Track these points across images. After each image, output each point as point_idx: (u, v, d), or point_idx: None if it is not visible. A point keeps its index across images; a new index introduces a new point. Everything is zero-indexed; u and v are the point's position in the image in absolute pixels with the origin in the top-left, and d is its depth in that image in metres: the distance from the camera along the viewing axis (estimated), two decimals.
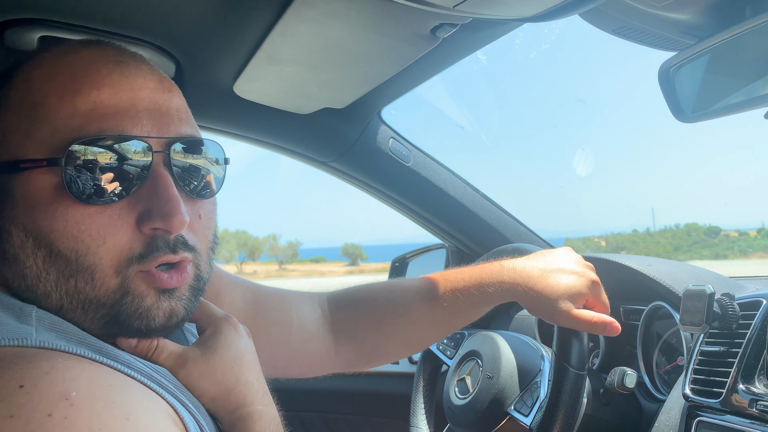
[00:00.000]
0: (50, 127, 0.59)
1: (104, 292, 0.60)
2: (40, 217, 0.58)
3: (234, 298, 0.99)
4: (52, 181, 0.58)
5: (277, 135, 1.45)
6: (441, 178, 1.56)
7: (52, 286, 0.59)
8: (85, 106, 0.59)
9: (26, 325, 0.56)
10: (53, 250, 0.58)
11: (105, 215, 0.59)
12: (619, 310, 1.37)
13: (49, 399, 0.47)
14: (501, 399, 1.15)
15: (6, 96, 0.62)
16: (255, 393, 0.70)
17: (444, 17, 0.87)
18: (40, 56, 0.63)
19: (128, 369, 0.59)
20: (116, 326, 0.62)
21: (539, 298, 0.97)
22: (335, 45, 0.99)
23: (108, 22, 1.03)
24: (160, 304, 0.62)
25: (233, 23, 1.01)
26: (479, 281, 1.02)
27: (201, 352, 0.68)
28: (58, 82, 0.60)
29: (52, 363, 0.51)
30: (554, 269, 0.99)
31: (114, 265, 0.60)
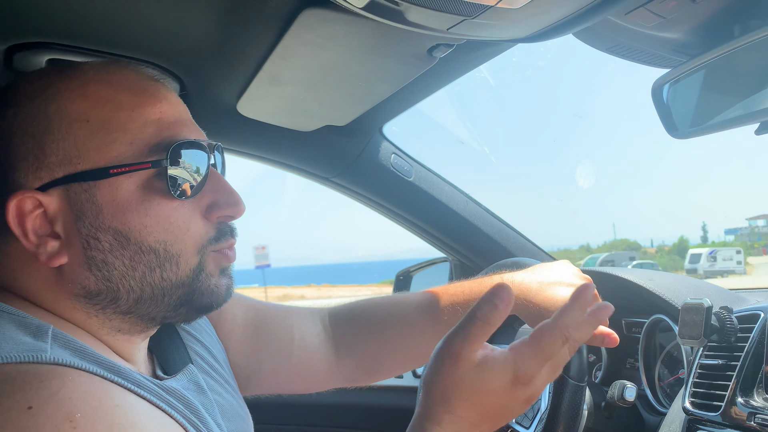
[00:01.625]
0: (129, 136, 0.65)
1: (185, 273, 0.68)
2: (132, 216, 0.65)
3: (236, 315, 1.00)
4: (142, 181, 0.65)
5: (280, 152, 1.47)
6: (443, 192, 1.58)
7: (136, 281, 0.66)
8: (153, 116, 0.67)
9: (42, 342, 0.58)
10: (143, 246, 0.65)
11: (185, 208, 0.68)
12: (621, 322, 1.37)
13: (54, 422, 0.49)
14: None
15: (53, 113, 0.65)
16: None
17: (439, 39, 0.89)
18: (82, 75, 0.67)
19: (138, 388, 0.61)
20: (186, 306, 0.70)
21: (538, 311, 0.97)
22: (334, 65, 1.01)
23: (114, 44, 1.06)
24: (221, 281, 0.72)
25: (235, 45, 1.03)
26: (479, 295, 1.02)
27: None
28: (122, 98, 0.66)
29: (62, 381, 0.53)
30: (552, 282, 0.99)
31: (196, 247, 0.69)
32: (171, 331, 0.86)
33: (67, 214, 0.64)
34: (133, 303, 0.67)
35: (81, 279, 0.65)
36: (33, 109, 0.65)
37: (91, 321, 0.67)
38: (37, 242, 0.64)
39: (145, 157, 0.65)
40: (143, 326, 0.71)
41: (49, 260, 0.64)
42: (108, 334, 0.68)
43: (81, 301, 0.66)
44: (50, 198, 0.64)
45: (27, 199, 0.63)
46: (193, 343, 0.88)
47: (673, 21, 0.80)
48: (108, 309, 0.67)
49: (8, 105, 0.66)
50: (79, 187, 0.64)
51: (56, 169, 0.64)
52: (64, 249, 0.64)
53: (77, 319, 0.66)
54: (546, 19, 0.75)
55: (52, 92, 0.66)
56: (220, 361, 0.93)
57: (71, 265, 0.65)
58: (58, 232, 0.64)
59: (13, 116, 0.65)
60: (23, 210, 0.63)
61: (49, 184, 0.63)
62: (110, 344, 0.69)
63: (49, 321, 0.62)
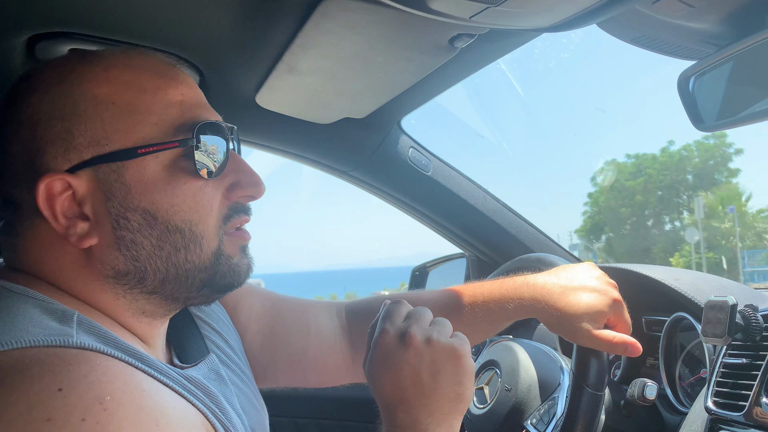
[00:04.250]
0: (154, 117, 0.66)
1: (207, 256, 0.69)
2: (160, 195, 0.66)
3: (252, 306, 1.00)
4: (168, 161, 0.66)
5: (298, 144, 1.47)
6: (461, 187, 1.56)
7: (162, 261, 0.67)
8: (175, 98, 0.68)
9: (67, 327, 0.59)
10: (170, 225, 0.66)
11: (209, 187, 0.69)
12: (641, 321, 1.35)
13: (84, 403, 0.49)
14: (518, 412, 1.15)
15: (79, 97, 0.65)
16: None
17: (461, 28, 0.87)
18: (104, 60, 0.68)
19: (161, 375, 0.61)
20: (208, 287, 0.71)
21: (559, 316, 0.95)
22: (354, 56, 1.01)
23: (135, 35, 1.06)
24: (242, 260, 0.73)
25: (255, 35, 1.03)
26: (499, 296, 1.01)
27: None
28: (145, 81, 0.68)
29: (90, 365, 0.53)
30: (576, 286, 0.97)
31: (215, 230, 0.70)
32: (188, 321, 0.86)
33: (96, 195, 0.65)
34: (159, 283, 0.68)
35: (110, 259, 0.66)
36: (59, 93, 0.65)
37: (118, 302, 0.68)
38: (66, 224, 0.64)
39: (170, 137, 0.66)
40: (166, 308, 0.72)
41: (79, 241, 0.65)
42: (132, 317, 0.69)
43: (110, 282, 0.67)
44: (79, 180, 0.64)
45: (56, 181, 0.63)
46: (209, 332, 0.89)
47: (703, 10, 0.78)
48: (135, 289, 0.68)
49: (33, 90, 0.66)
50: (108, 168, 0.65)
51: (84, 151, 0.64)
52: (94, 230, 0.65)
53: (105, 300, 0.67)
54: (571, 7, 0.74)
55: (77, 77, 0.66)
56: (237, 352, 0.93)
57: (100, 245, 0.65)
58: (87, 214, 0.65)
59: (39, 101, 0.65)
60: (52, 192, 0.63)
61: (77, 165, 0.64)
62: (133, 328, 0.70)
63: (74, 307, 0.63)
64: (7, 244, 0.69)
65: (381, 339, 0.76)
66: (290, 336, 1.02)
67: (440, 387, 0.72)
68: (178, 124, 0.67)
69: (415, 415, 0.72)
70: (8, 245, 0.68)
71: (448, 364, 0.73)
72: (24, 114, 0.65)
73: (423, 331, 0.75)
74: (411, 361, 0.73)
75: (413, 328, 0.75)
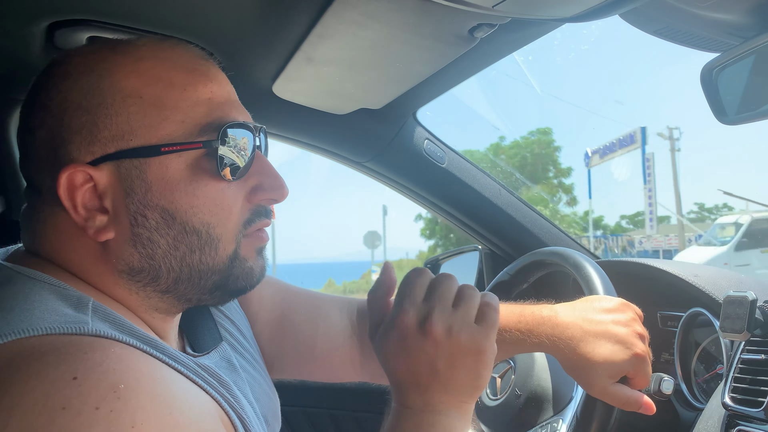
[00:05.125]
0: (180, 115, 0.65)
1: (222, 260, 0.68)
2: (180, 195, 0.65)
3: (263, 296, 0.99)
4: (191, 161, 0.65)
5: (313, 135, 1.47)
6: (476, 179, 1.56)
7: (178, 261, 0.66)
8: (204, 96, 0.67)
9: (83, 314, 0.58)
10: (188, 226, 0.65)
11: (231, 190, 0.68)
12: (656, 316, 1.34)
13: (99, 391, 0.49)
14: (521, 420, 1.14)
15: (107, 88, 0.64)
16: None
17: (482, 17, 0.87)
18: (135, 51, 0.67)
19: (175, 363, 0.61)
20: (220, 289, 0.70)
21: (576, 363, 0.91)
22: (373, 45, 1.00)
23: (152, 23, 1.06)
24: (257, 263, 0.72)
25: (274, 24, 1.02)
26: (523, 328, 0.96)
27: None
28: (174, 76, 0.66)
29: (105, 353, 0.53)
30: (599, 333, 0.91)
31: (233, 233, 0.68)
32: (202, 308, 0.86)
33: (116, 189, 0.64)
34: (172, 283, 0.67)
35: (126, 255, 0.65)
36: (87, 82, 0.64)
37: (131, 298, 0.68)
38: (85, 216, 0.64)
39: (195, 137, 0.65)
40: (179, 307, 0.71)
41: (96, 234, 0.64)
42: (146, 312, 0.69)
43: (123, 277, 0.66)
44: (101, 173, 0.64)
45: (78, 173, 0.63)
46: (222, 320, 0.89)
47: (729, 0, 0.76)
48: (148, 287, 0.67)
49: (64, 77, 0.65)
50: (130, 164, 0.64)
51: (108, 144, 0.64)
52: (112, 224, 0.65)
53: (118, 294, 0.67)
54: None
55: (106, 67, 0.65)
56: (249, 340, 0.93)
57: (117, 240, 0.65)
58: (107, 207, 0.64)
59: (68, 89, 0.65)
60: (74, 183, 0.63)
61: (100, 158, 0.63)
62: (146, 321, 0.69)
63: (90, 294, 0.63)
64: (27, 228, 0.69)
65: (399, 319, 0.70)
66: (298, 332, 1.01)
67: (457, 378, 0.70)
68: (204, 123, 0.66)
69: (428, 399, 0.70)
70: (28, 229, 0.69)
71: (468, 359, 0.70)
72: (53, 100, 0.65)
73: (445, 320, 0.70)
74: (429, 351, 0.69)
75: (435, 316, 0.69)
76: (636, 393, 0.90)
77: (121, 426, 0.48)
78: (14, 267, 0.64)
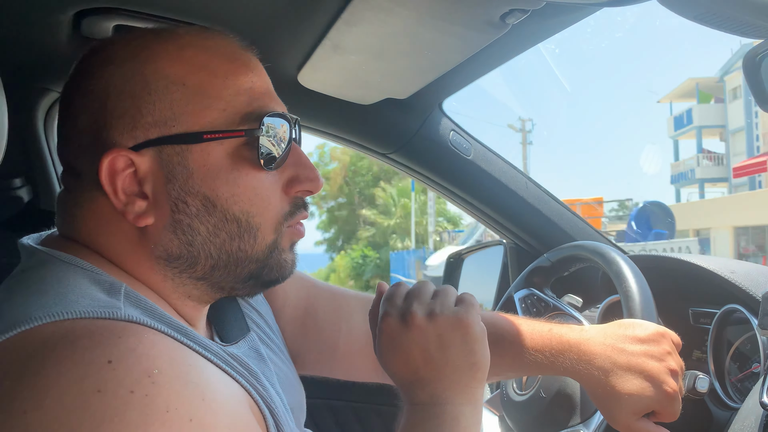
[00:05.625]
0: (222, 103, 0.66)
1: (261, 248, 0.69)
2: (221, 183, 0.65)
3: (288, 293, 0.99)
4: (232, 149, 0.66)
5: (338, 125, 1.45)
6: (502, 172, 1.53)
7: (217, 248, 0.67)
8: (245, 85, 0.67)
9: (115, 300, 0.59)
10: (228, 214, 0.66)
11: (269, 180, 0.68)
12: (688, 312, 1.31)
13: (133, 375, 0.49)
14: (545, 422, 1.12)
15: (150, 74, 0.65)
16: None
17: (515, 2, 0.84)
18: (178, 39, 0.67)
19: (205, 351, 0.61)
20: (254, 279, 0.71)
21: (600, 394, 0.88)
22: (402, 33, 0.98)
23: (177, 10, 1.06)
24: (290, 256, 0.73)
25: (300, 11, 1.01)
26: (541, 353, 0.93)
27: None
28: (217, 65, 0.67)
29: (138, 338, 0.53)
30: (629, 365, 0.87)
31: (273, 224, 0.69)
32: (230, 299, 0.86)
33: (157, 175, 0.65)
34: (209, 270, 0.67)
35: (164, 241, 0.66)
36: (131, 68, 0.65)
37: (166, 284, 0.68)
38: (125, 201, 0.64)
39: (236, 125, 0.66)
40: (212, 295, 0.72)
41: (135, 219, 0.64)
42: (178, 299, 0.69)
43: (160, 263, 0.67)
44: (142, 158, 0.64)
45: (120, 158, 0.63)
46: (250, 311, 0.89)
47: None
48: (184, 274, 0.67)
49: (108, 63, 0.66)
50: (172, 150, 0.64)
51: (151, 130, 0.64)
52: (151, 210, 0.65)
53: (153, 280, 0.67)
54: None
55: (150, 54, 0.66)
56: (275, 332, 0.93)
57: (156, 226, 0.65)
58: (147, 193, 0.65)
59: (111, 75, 0.65)
60: (115, 168, 0.63)
61: (143, 144, 0.64)
62: (178, 309, 0.70)
63: (123, 280, 0.63)
64: (63, 212, 0.69)
65: (384, 323, 0.76)
66: (321, 330, 1.00)
67: (452, 359, 0.73)
68: (245, 112, 0.66)
69: (432, 390, 0.72)
70: (65, 213, 0.69)
71: (456, 335, 0.73)
72: (97, 86, 0.65)
73: (424, 307, 0.75)
74: (417, 340, 0.73)
75: (414, 306, 0.75)
76: (661, 429, 0.88)
77: (155, 410, 0.48)
78: (49, 251, 0.65)
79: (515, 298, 1.37)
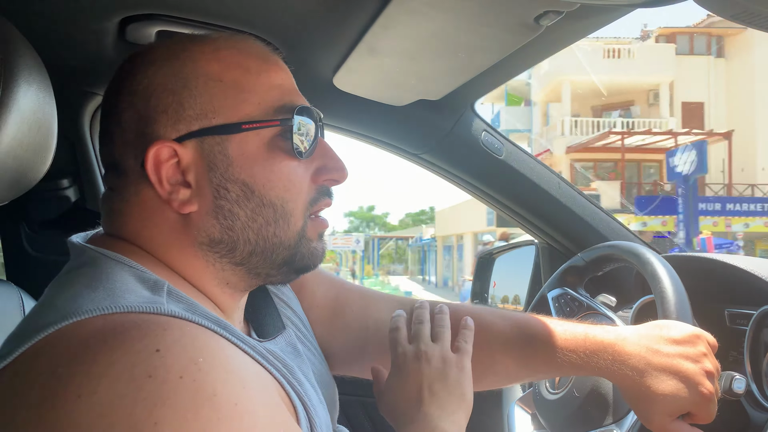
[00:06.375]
0: (257, 98, 0.71)
1: (292, 234, 0.73)
2: (259, 170, 0.70)
3: (316, 292, 1.01)
4: (267, 139, 0.71)
5: (371, 126, 1.48)
6: (534, 172, 1.53)
7: (254, 233, 0.71)
8: (276, 81, 0.73)
9: (158, 296, 0.62)
10: (264, 199, 0.70)
11: (301, 168, 0.73)
12: (724, 313, 1.29)
13: (181, 363, 0.52)
14: (577, 421, 1.12)
15: (190, 72, 0.70)
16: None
17: (549, 4, 0.85)
18: (213, 42, 0.73)
19: (242, 344, 0.64)
20: (287, 266, 0.75)
21: (635, 395, 0.89)
22: (436, 35, 1.00)
23: (218, 16, 1.09)
24: (318, 245, 0.77)
25: (337, 16, 1.03)
26: (576, 353, 0.93)
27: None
28: (251, 63, 0.72)
29: (181, 331, 0.56)
30: (664, 366, 0.87)
31: (302, 210, 0.74)
32: (266, 297, 0.89)
33: (199, 164, 0.69)
34: (247, 255, 0.71)
35: (207, 227, 0.70)
36: (172, 68, 0.70)
37: (207, 270, 0.72)
38: (170, 189, 0.68)
39: (271, 116, 0.71)
40: (248, 282, 0.75)
41: (180, 207, 0.69)
42: (217, 286, 0.73)
43: (203, 249, 0.71)
44: (185, 149, 0.68)
45: (165, 149, 0.68)
46: (284, 309, 0.91)
47: None
48: (225, 258, 0.71)
49: (150, 64, 0.71)
50: (212, 140, 0.69)
51: (193, 123, 0.68)
52: (195, 197, 0.69)
53: (194, 267, 0.71)
54: None
55: (189, 54, 0.71)
56: (308, 328, 0.95)
57: (199, 213, 0.69)
58: (190, 182, 0.69)
59: (154, 74, 0.70)
60: (160, 158, 0.68)
61: (185, 135, 0.68)
62: (216, 297, 0.73)
63: (165, 277, 0.66)
64: (109, 210, 0.73)
65: (397, 357, 0.91)
66: (349, 330, 1.02)
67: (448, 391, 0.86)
68: (278, 105, 0.71)
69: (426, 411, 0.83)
70: (110, 211, 0.73)
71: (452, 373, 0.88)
72: (140, 85, 0.70)
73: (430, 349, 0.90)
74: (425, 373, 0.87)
75: (421, 347, 0.90)
76: (696, 431, 0.88)
77: (203, 394, 0.51)
78: (97, 249, 0.68)
79: (549, 297, 1.36)
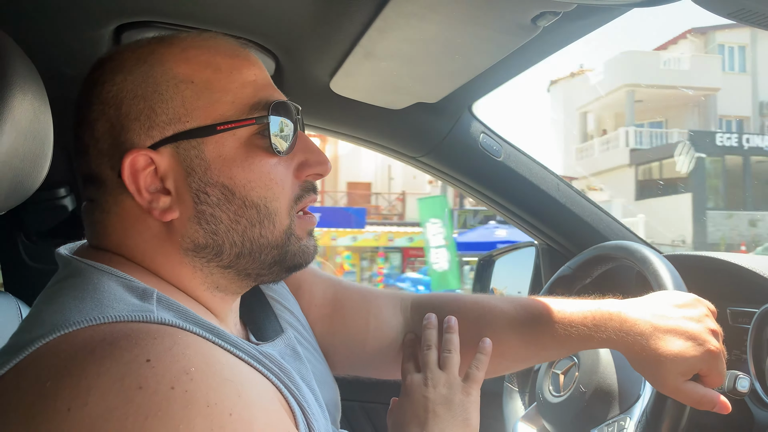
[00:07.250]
0: (230, 96, 0.69)
1: (278, 233, 0.72)
2: (238, 171, 0.68)
3: (314, 293, 1.00)
4: (244, 138, 0.69)
5: (369, 130, 1.47)
6: (533, 173, 1.53)
7: (239, 235, 0.70)
8: (249, 78, 0.71)
9: (148, 304, 0.61)
10: (246, 201, 0.69)
11: (282, 165, 0.72)
12: (726, 312, 1.29)
13: (172, 373, 0.51)
14: (586, 418, 1.12)
15: (160, 76, 0.68)
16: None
17: (546, 5, 0.85)
18: (180, 42, 0.71)
19: (236, 349, 0.63)
20: (278, 265, 0.74)
21: (645, 359, 0.89)
22: (433, 38, 0.99)
23: (216, 23, 1.08)
24: (309, 243, 0.76)
25: (332, 20, 1.03)
26: (583, 324, 0.95)
27: None
28: (220, 61, 0.70)
29: (173, 339, 0.55)
30: (669, 328, 0.89)
31: (287, 208, 0.72)
32: (262, 301, 0.88)
33: (177, 170, 0.68)
34: (234, 258, 0.70)
35: (190, 233, 0.69)
36: (141, 73, 0.68)
37: (195, 276, 0.70)
38: (149, 198, 0.67)
39: (246, 115, 0.69)
40: (239, 284, 0.74)
41: (161, 215, 0.67)
42: (207, 291, 0.72)
43: (188, 255, 0.69)
44: (161, 156, 0.67)
45: (140, 157, 0.66)
46: (282, 311, 0.90)
47: None
48: (212, 262, 0.70)
49: (116, 71, 0.69)
50: (188, 144, 0.68)
51: (166, 128, 0.67)
52: (175, 204, 0.68)
53: (182, 274, 0.70)
54: None
55: (157, 57, 0.69)
56: (308, 330, 0.95)
57: (181, 219, 0.68)
58: (169, 188, 0.68)
59: (123, 81, 0.68)
60: (136, 167, 0.66)
61: (160, 142, 0.67)
62: (207, 302, 0.72)
63: (153, 285, 0.65)
64: (90, 222, 0.72)
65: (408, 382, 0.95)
66: (349, 329, 1.01)
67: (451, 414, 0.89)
68: (252, 102, 0.70)
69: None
70: (92, 223, 0.72)
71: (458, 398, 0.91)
72: (110, 93, 0.68)
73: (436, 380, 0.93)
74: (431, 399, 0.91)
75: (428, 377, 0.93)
76: (710, 391, 0.87)
77: (196, 405, 0.50)
78: (83, 260, 0.67)
79: None
